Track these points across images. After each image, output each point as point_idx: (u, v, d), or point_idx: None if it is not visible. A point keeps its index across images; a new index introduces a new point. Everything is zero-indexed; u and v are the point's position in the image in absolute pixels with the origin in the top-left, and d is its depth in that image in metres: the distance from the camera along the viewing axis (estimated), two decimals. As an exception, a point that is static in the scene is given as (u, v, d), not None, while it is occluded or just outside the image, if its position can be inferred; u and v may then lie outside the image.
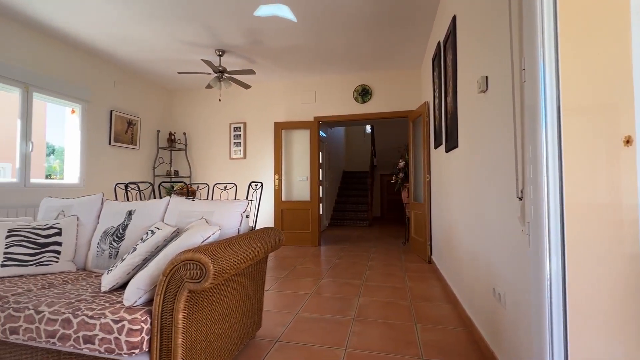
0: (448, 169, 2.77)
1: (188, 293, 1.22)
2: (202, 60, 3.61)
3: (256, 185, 3.31)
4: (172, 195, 3.32)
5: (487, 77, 1.69)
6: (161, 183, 3.36)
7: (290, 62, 4.42)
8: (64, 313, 1.27)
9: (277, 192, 4.94)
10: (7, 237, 1.88)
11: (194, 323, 1.27)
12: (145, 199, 3.75)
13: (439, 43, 3.08)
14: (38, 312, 1.30)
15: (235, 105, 5.38)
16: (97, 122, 4.30)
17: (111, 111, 4.49)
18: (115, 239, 1.98)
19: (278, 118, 5.19)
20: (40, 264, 1.87)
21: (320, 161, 4.97)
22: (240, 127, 5.32)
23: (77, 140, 4.10)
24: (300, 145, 5.09)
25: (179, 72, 3.86)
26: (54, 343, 1.26)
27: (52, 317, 1.27)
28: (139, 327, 1.19)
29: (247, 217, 1.94)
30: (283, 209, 4.92)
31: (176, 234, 1.69)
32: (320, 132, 5.74)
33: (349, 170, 9.89)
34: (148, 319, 1.22)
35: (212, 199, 3.85)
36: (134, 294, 1.30)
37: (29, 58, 3.49)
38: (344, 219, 7.70)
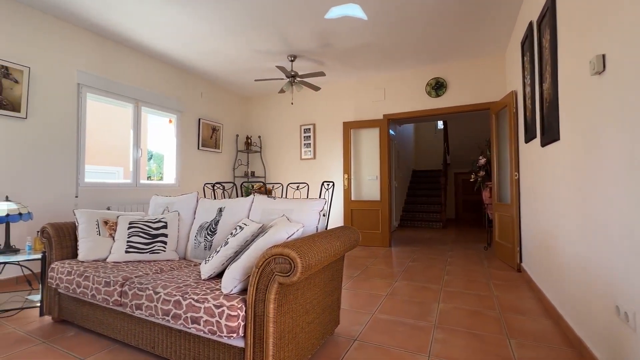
0: (544, 165, 2.43)
1: (278, 285, 1.29)
2: (276, 66, 3.82)
3: (328, 185, 3.38)
4: (254, 194, 3.60)
5: (603, 56, 1.43)
6: (242, 183, 3.65)
7: (359, 61, 4.40)
8: (175, 295, 1.46)
9: (347, 192, 4.96)
10: (129, 228, 2.25)
11: (282, 314, 1.34)
12: (228, 197, 4.13)
13: (530, 23, 2.72)
14: (156, 293, 1.52)
15: (305, 108, 5.57)
16: (188, 130, 4.88)
17: (199, 119, 5.05)
18: (209, 232, 2.21)
19: (346, 118, 5.21)
20: (152, 252, 2.20)
21: (390, 160, 4.84)
22: (309, 129, 5.49)
23: (173, 146, 4.72)
24: (369, 144, 5.03)
25: (255, 80, 4.16)
26: (168, 320, 1.46)
27: (166, 298, 1.47)
28: (236, 313, 1.31)
29: (324, 215, 1.98)
30: (352, 208, 4.93)
31: (262, 229, 1.81)
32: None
33: (419, 169, 9.43)
34: (243, 306, 1.33)
35: (286, 197, 4.05)
36: (230, 283, 1.43)
37: (138, 77, 4.13)
38: (414, 219, 7.37)
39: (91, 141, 10.26)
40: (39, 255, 2.32)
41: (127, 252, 2.14)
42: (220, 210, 2.27)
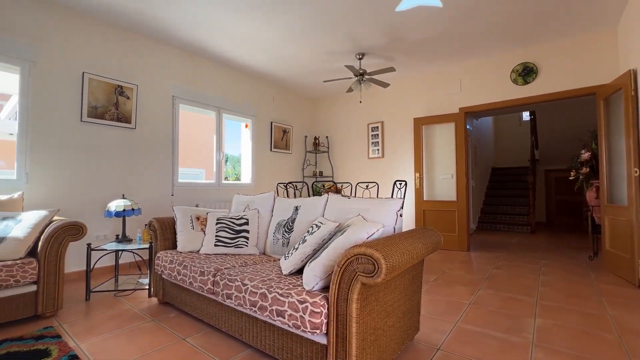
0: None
1: (361, 286, 1.27)
2: (345, 66, 3.82)
3: (400, 184, 3.25)
4: (325, 193, 3.67)
5: None
6: (314, 182, 3.75)
7: (431, 52, 4.14)
8: (261, 288, 1.55)
9: (418, 191, 4.72)
10: (217, 223, 2.47)
11: (365, 315, 1.32)
12: (299, 197, 4.29)
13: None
14: (244, 285, 1.63)
15: (372, 106, 5.47)
16: (261, 133, 5.20)
17: (271, 122, 5.34)
18: (286, 230, 2.31)
19: (417, 114, 4.96)
20: (237, 246, 2.38)
21: (467, 157, 4.44)
22: (377, 127, 5.37)
23: (248, 149, 5.08)
24: (442, 140, 4.70)
25: (324, 81, 4.22)
26: (255, 311, 1.55)
27: (253, 290, 1.57)
28: (319, 310, 1.32)
29: (400, 215, 1.90)
30: (425, 208, 4.66)
31: (338, 229, 1.82)
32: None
33: (500, 166, 8.51)
34: (325, 304, 1.34)
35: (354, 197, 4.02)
36: (311, 280, 1.46)
37: (219, 87, 4.54)
38: (495, 222, 6.67)
39: (179, 145, 11.62)
40: (147, 245, 2.70)
41: (215, 245, 2.35)
42: (296, 208, 2.35)
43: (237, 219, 2.51)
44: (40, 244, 2.17)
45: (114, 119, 3.44)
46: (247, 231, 2.47)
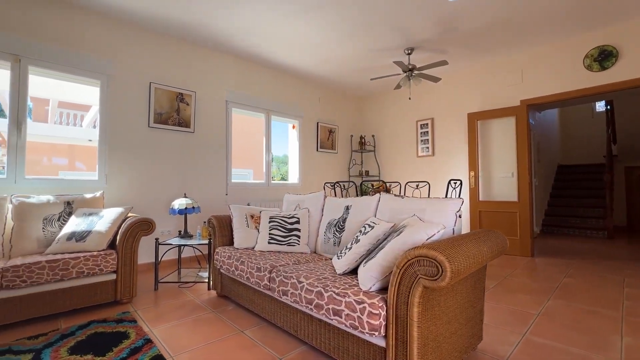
0: None
1: (422, 289, 1.22)
2: (393, 62, 3.72)
3: (455, 183, 3.07)
4: (373, 193, 3.62)
5: None
6: (362, 182, 3.71)
7: (488, 42, 3.86)
8: (317, 286, 1.56)
9: (473, 191, 4.42)
10: (270, 222, 2.55)
11: (426, 319, 1.26)
12: (346, 196, 4.28)
13: None
14: (299, 282, 1.66)
15: (421, 102, 5.26)
16: (308, 133, 5.28)
17: (317, 123, 5.39)
18: (338, 229, 2.30)
19: (471, 108, 4.66)
20: (289, 244, 2.43)
21: (530, 154, 4.05)
22: (427, 124, 5.15)
23: (296, 149, 5.18)
24: (500, 136, 4.35)
25: (371, 79, 4.15)
26: (310, 309, 1.57)
27: (309, 288, 1.59)
28: (377, 312, 1.29)
29: (460, 216, 1.79)
30: (481, 209, 4.36)
31: (393, 229, 1.77)
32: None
33: (568, 163, 7.67)
34: (384, 306, 1.31)
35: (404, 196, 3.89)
36: (368, 280, 1.44)
37: (268, 90, 4.70)
38: (563, 225, 6.02)
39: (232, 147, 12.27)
40: (207, 241, 2.88)
41: (269, 242, 2.43)
42: (347, 208, 2.34)
43: (289, 218, 2.57)
44: (118, 237, 2.43)
45: (176, 124, 3.74)
46: (299, 230, 2.51)
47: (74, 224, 2.45)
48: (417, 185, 3.38)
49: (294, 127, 5.20)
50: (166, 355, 1.67)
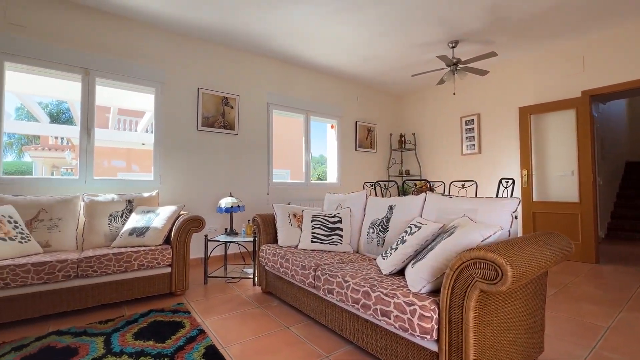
0: None
1: (479, 293, 1.15)
2: (437, 57, 3.58)
3: (507, 182, 2.87)
4: (415, 192, 3.51)
5: None
6: (404, 181, 3.62)
7: (542, 30, 3.56)
8: (363, 286, 1.54)
9: (526, 191, 4.11)
10: (312, 221, 2.58)
11: (483, 325, 1.19)
12: (387, 196, 4.18)
13: None
14: (345, 281, 1.65)
15: (466, 97, 5.00)
16: (346, 133, 5.26)
17: (356, 122, 5.35)
18: (381, 229, 2.26)
19: (523, 102, 4.33)
20: (331, 243, 2.44)
21: (593, 150, 3.66)
22: (472, 120, 4.88)
23: (334, 149, 5.19)
24: (557, 131, 4.00)
25: (412, 75, 4.03)
26: (357, 309, 1.56)
27: (355, 287, 1.58)
28: (429, 314, 1.25)
29: (516, 217, 1.67)
30: (535, 211, 4.04)
31: (442, 230, 1.70)
32: (590, 110, 4.27)
33: (638, 160, 6.84)
34: (436, 309, 1.26)
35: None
36: (418, 282, 1.39)
37: (307, 91, 4.76)
38: (632, 229, 5.38)
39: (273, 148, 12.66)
40: (251, 238, 2.99)
41: (312, 241, 2.46)
42: (391, 207, 2.29)
43: (331, 217, 2.58)
44: (172, 233, 2.60)
45: (221, 127, 3.92)
46: (341, 229, 2.51)
47: (134, 220, 2.67)
48: (463, 185, 3.22)
49: (332, 127, 5.22)
50: (218, 345, 1.76)
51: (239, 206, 3.21)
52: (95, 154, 3.19)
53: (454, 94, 4.08)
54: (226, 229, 3.32)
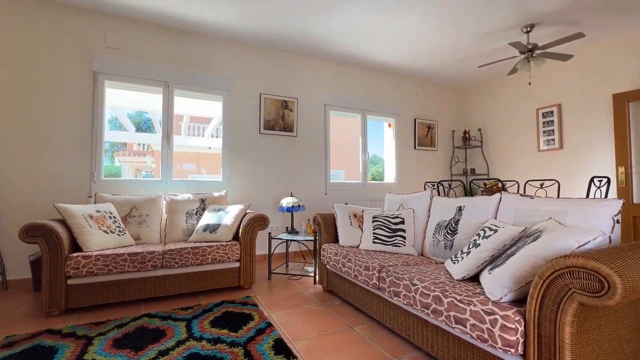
0: None
1: (577, 306, 1.01)
2: (508, 44, 3.27)
3: (600, 182, 2.49)
4: (485, 193, 3.24)
5: None
6: (471, 180, 3.36)
7: (646, 0, 3.02)
8: (434, 290, 1.47)
9: (624, 191, 3.52)
10: (373, 221, 2.54)
11: (581, 344, 1.05)
12: (454, 196, 3.93)
13: None
14: (413, 284, 1.59)
15: (543, 87, 4.47)
16: (404, 131, 5.08)
17: (415, 119, 5.14)
18: (449, 231, 2.14)
19: (617, 88, 3.72)
20: (394, 244, 2.38)
21: None
22: (551, 112, 4.35)
23: (392, 148, 5.05)
24: (666, 120, 3.35)
25: (479, 67, 3.73)
26: (427, 314, 1.49)
27: (425, 292, 1.51)
28: (513, 326, 1.14)
29: (618, 222, 1.43)
30: (635, 214, 3.44)
31: (524, 233, 1.54)
32: None
33: None
34: (521, 320, 1.15)
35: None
36: (498, 289, 1.28)
37: (363, 89, 4.71)
38: None
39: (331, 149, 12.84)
40: (312, 237, 3.06)
41: (373, 242, 2.42)
42: (460, 209, 2.15)
43: (393, 218, 2.51)
44: (240, 230, 2.78)
45: (281, 129, 4.08)
46: (404, 230, 2.43)
47: (207, 217, 2.92)
48: (542, 184, 2.86)
49: (389, 125, 5.09)
50: (285, 339, 1.82)
51: (299, 206, 3.30)
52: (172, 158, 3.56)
53: (530, 83, 3.67)
54: (287, 227, 3.44)
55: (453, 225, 2.13)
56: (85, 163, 3.13)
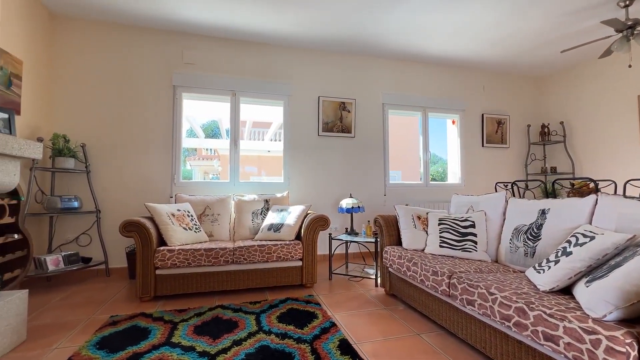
0: None
1: None
2: (601, 22, 2.83)
3: None
4: (573, 194, 2.84)
5: None
6: (554, 181, 2.98)
7: None
8: (516, 302, 1.33)
9: None
10: (439, 224, 2.41)
11: None
12: (531, 198, 3.53)
13: None
14: (490, 294, 1.46)
15: (646, 69, 3.78)
16: (470, 128, 4.72)
17: (482, 115, 4.75)
18: (530, 237, 1.92)
19: None
20: (464, 249, 2.22)
21: None
22: (659, 98, 3.65)
23: (456, 146, 4.74)
24: None
25: (562, 51, 3.30)
26: (508, 327, 1.36)
27: (505, 302, 1.38)
28: (623, 349, 0.98)
29: None
30: None
31: (631, 241, 1.31)
32: None
33: None
34: (634, 344, 0.97)
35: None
36: (599, 306, 1.11)
37: (424, 86, 4.50)
38: None
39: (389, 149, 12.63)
40: (372, 239, 3.01)
41: (440, 246, 2.29)
42: (543, 212, 1.92)
43: (462, 221, 2.35)
44: (302, 230, 2.86)
45: (339, 131, 4.11)
46: (474, 234, 2.26)
47: (271, 217, 3.06)
48: (649, 184, 2.40)
49: (453, 122, 4.78)
50: (350, 340, 1.82)
51: (359, 207, 3.28)
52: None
53: (630, 66, 3.12)
54: (346, 228, 3.44)
55: (535, 230, 1.91)
56: (167, 167, 3.53)
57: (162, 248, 2.50)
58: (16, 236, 2.33)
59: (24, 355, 1.67)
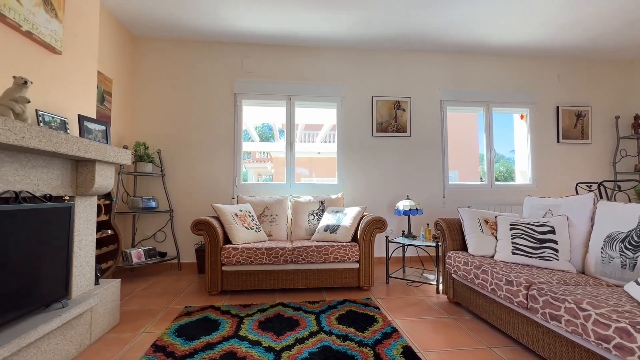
0: None
1: None
2: None
3: None
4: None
5: None
6: (656, 180, 2.55)
7: None
8: (617, 321, 1.16)
9: None
10: (511, 229, 2.21)
11: None
12: (627, 201, 3.05)
13: None
14: (581, 310, 1.30)
15: None
16: (543, 122, 4.26)
17: (557, 107, 4.26)
18: (629, 246, 1.66)
19: None
20: (542, 258, 2.00)
21: None
22: None
23: (525, 143, 4.30)
24: None
25: (663, 28, 2.81)
26: (606, 349, 1.19)
27: (601, 320, 1.21)
28: None
29: None
30: None
31: None
32: None
33: None
34: None
35: None
36: None
37: (487, 80, 4.17)
38: None
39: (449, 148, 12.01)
40: (432, 243, 2.87)
41: (513, 253, 2.10)
42: (646, 217, 1.65)
43: (538, 226, 2.12)
44: (359, 232, 2.84)
45: (394, 131, 4.00)
46: (554, 241, 2.02)
47: (327, 218, 3.09)
48: None
49: (522, 117, 4.36)
50: (414, 348, 1.75)
51: (417, 209, 3.16)
52: (283, 163, 3.92)
53: None
54: (403, 231, 3.33)
55: (635, 238, 1.64)
56: (230, 170, 3.76)
57: (227, 246, 2.67)
58: (109, 232, 2.68)
59: (120, 337, 1.91)
